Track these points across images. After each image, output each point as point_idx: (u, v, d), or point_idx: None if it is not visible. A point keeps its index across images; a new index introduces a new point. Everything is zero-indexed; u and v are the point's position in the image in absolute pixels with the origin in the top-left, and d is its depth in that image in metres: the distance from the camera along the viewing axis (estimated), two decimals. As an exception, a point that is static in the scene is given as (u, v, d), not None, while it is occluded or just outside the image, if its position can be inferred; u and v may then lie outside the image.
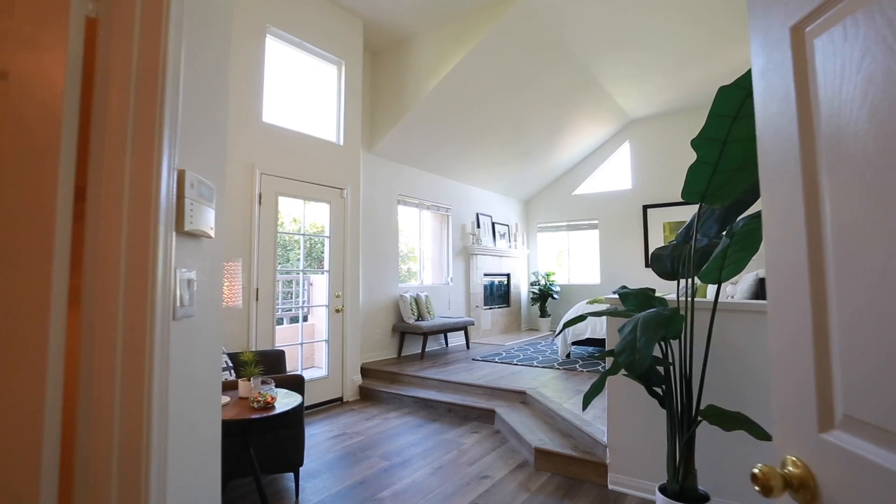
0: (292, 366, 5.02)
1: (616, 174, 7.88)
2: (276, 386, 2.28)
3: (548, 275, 8.17)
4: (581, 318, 2.14)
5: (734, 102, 1.65)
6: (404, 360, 5.35)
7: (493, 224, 7.76)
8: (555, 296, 7.94)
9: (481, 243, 7.29)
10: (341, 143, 4.54)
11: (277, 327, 5.79)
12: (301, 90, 4.37)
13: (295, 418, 2.36)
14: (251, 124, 3.69)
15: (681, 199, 7.14)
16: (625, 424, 2.50)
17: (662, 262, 2.24)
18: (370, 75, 5.49)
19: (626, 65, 5.70)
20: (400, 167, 5.98)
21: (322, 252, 4.44)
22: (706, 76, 5.95)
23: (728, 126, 1.71)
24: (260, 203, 3.71)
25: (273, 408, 1.90)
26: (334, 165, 4.42)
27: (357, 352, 4.54)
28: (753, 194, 1.92)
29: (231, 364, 2.87)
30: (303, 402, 2.25)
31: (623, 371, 2.67)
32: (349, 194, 4.52)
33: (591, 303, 5.30)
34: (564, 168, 8.12)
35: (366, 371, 4.91)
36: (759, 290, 4.22)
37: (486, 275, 7.46)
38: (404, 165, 6.05)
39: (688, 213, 7.04)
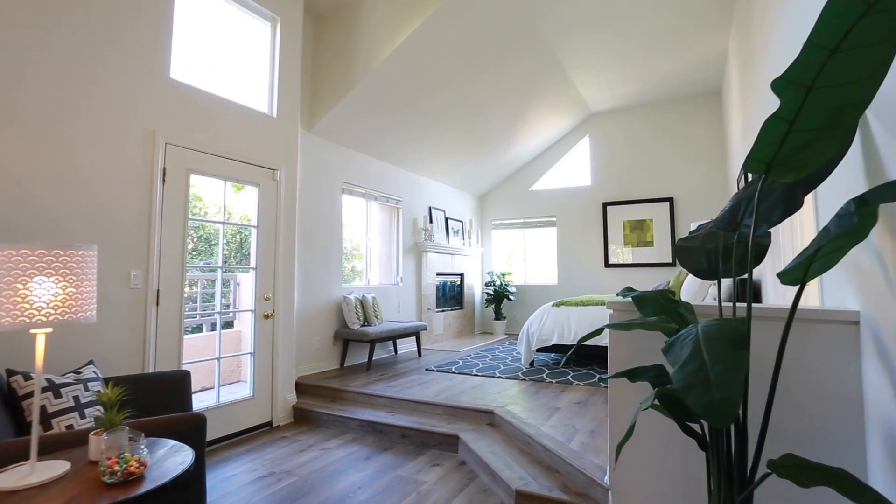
0: (208, 384, 4.20)
1: (575, 170, 7.56)
2: (160, 434, 1.55)
3: (503, 275, 7.72)
4: (598, 331, 1.60)
5: (842, 24, 1.15)
6: (348, 373, 4.64)
7: (446, 219, 7.19)
8: (510, 297, 7.50)
9: (434, 240, 6.70)
10: (274, 114, 3.78)
11: (194, 336, 4.90)
12: (225, 48, 3.57)
13: (191, 476, 1.65)
14: (152, 79, 2.87)
15: (642, 197, 6.91)
16: (637, 463, 1.99)
17: (694, 257, 1.74)
18: (312, 41, 4.74)
19: (595, 50, 5.31)
20: (345, 151, 5.26)
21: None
22: (676, 67, 5.70)
23: (822, 62, 1.21)
24: (164, 181, 2.89)
25: (141, 479, 1.19)
26: (265, 141, 3.66)
27: (291, 365, 3.80)
28: (833, 163, 1.44)
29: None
30: (200, 456, 1.55)
31: (652, 403, 2.14)
32: (283, 177, 3.77)
33: (558, 305, 4.85)
34: (522, 162, 7.70)
35: (302, 387, 4.17)
36: (741, 293, 3.93)
37: (438, 274, 6.87)
38: (350, 149, 5.33)
39: (650, 211, 6.82)
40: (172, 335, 2.90)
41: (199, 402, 3.60)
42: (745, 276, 1.99)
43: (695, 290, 4.31)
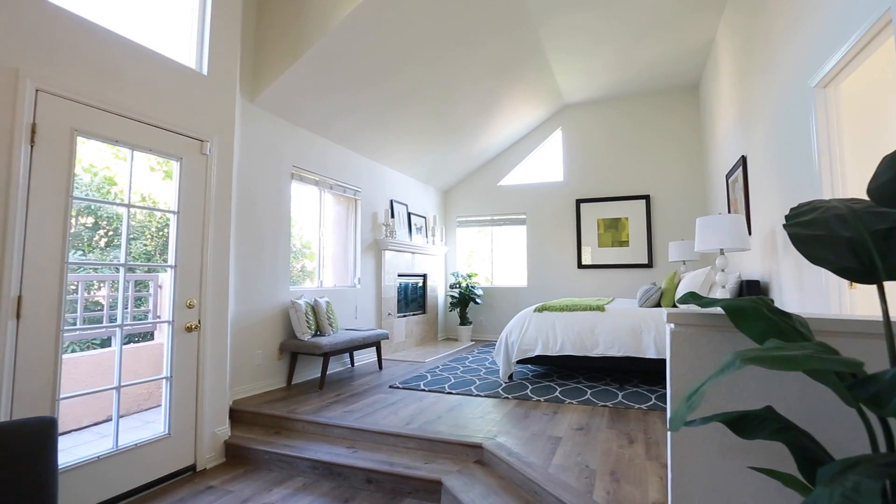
0: (120, 411, 3.33)
1: (547, 165, 7.10)
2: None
3: (469, 276, 7.13)
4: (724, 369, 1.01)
5: None
6: (297, 393, 3.87)
7: (409, 215, 6.52)
8: (477, 300, 6.92)
9: (395, 236, 6.01)
10: (204, 71, 2.98)
11: (100, 352, 3.94)
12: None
13: None
14: (17, -2, 2.03)
15: (617, 195, 6.53)
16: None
17: (830, 250, 1.17)
18: (255, -7, 3.94)
19: (580, 32, 4.83)
20: (295, 130, 4.47)
21: (180, 238, 2.79)
22: (660, 55, 5.31)
23: None
24: (33, 142, 2.05)
25: None
26: (191, 104, 2.85)
27: (223, 389, 3.00)
28: None
29: None
30: None
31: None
32: (215, 151, 2.97)
33: (540, 311, 4.30)
34: (491, 154, 7.15)
35: (239, 415, 3.37)
36: (746, 294, 3.53)
37: (400, 275, 6.18)
38: (301, 129, 4.55)
39: (626, 209, 6.45)
40: (44, 360, 2.06)
41: (100, 437, 2.76)
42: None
43: (693, 294, 3.87)
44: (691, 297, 1.43)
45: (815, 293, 2.68)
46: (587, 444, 2.63)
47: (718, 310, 1.56)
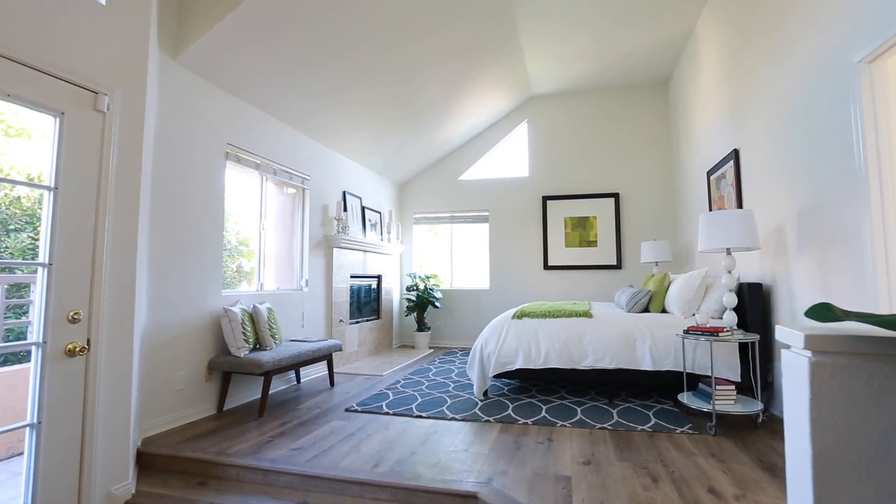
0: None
1: (511, 159, 6.66)
2: None
3: (427, 277, 6.54)
4: None
5: None
6: (229, 423, 3.11)
7: (363, 209, 5.84)
8: (436, 304, 6.35)
9: (348, 233, 5.31)
10: (101, 0, 2.20)
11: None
12: None
13: None
14: None
15: (585, 192, 6.20)
16: None
17: None
18: (179, -77, 3.15)
19: (556, 15, 4.41)
20: (232, 101, 3.70)
21: (65, 225, 1.97)
22: (637, 45, 4.99)
23: None
24: None
25: None
26: (80, 40, 2.07)
27: (125, 431, 2.22)
28: None
29: None
30: None
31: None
32: (117, 109, 2.20)
33: (520, 317, 3.80)
34: (453, 146, 6.61)
35: (149, 459, 2.58)
36: (754, 297, 3.20)
37: (352, 276, 5.49)
38: (239, 100, 3.78)
39: (594, 207, 6.13)
40: None
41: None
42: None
43: (688, 299, 3.53)
44: (828, 311, 0.94)
45: (851, 300, 2.34)
46: (605, 485, 2.13)
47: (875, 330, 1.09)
